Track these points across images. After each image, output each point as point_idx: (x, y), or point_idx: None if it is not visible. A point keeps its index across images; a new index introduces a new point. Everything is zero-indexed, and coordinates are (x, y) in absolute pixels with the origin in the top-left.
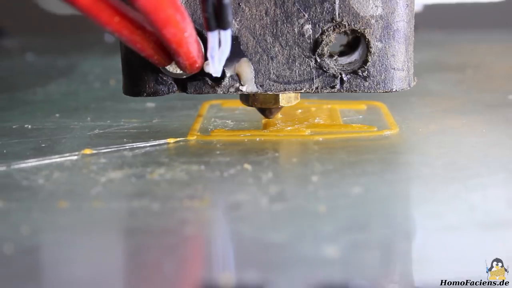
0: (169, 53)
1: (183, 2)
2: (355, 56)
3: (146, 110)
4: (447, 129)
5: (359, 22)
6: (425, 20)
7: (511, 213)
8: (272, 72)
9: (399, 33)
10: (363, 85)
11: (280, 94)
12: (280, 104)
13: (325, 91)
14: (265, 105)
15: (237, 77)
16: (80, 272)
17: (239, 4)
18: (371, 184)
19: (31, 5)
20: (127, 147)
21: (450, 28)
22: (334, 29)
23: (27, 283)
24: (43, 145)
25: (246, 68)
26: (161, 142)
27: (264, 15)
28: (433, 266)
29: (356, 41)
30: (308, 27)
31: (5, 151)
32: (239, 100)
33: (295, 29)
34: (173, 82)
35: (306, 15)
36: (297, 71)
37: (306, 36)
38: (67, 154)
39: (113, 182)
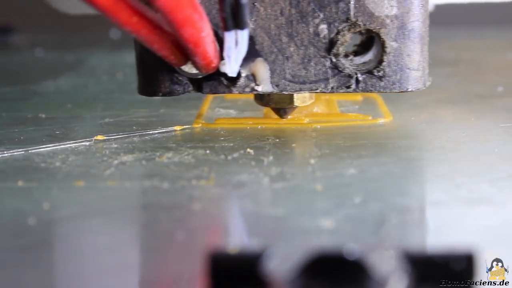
0: (185, 53)
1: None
2: (369, 56)
3: (153, 100)
4: (438, 118)
5: (374, 22)
6: None
7: (493, 191)
8: (287, 72)
9: (414, 33)
10: (379, 85)
11: (295, 94)
12: (295, 104)
13: (340, 91)
14: (280, 105)
15: (253, 77)
16: (96, 242)
17: (254, 4)
18: (364, 166)
19: (38, 3)
20: (136, 133)
21: (445, 24)
22: (349, 29)
23: (49, 251)
24: (57, 132)
25: (261, 68)
26: (168, 130)
27: (279, 15)
28: (421, 234)
29: (369, 40)
30: (323, 27)
31: (22, 137)
32: None
33: (310, 29)
34: (188, 82)
35: (321, 15)
36: (312, 71)
37: (322, 36)
38: (81, 140)
39: (125, 165)
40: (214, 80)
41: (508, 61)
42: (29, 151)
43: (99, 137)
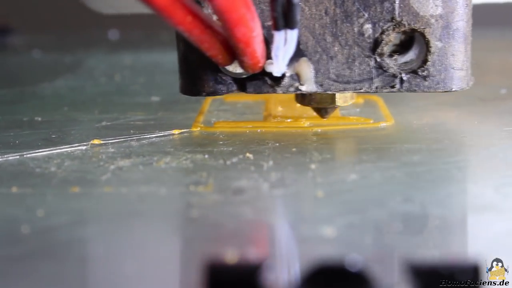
0: (232, 53)
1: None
2: (410, 56)
3: (151, 103)
4: (440, 121)
5: (418, 21)
6: None
7: (498, 197)
8: (331, 72)
9: (458, 33)
10: (423, 84)
11: (337, 94)
12: (337, 104)
13: (384, 90)
14: (322, 105)
15: (297, 77)
16: (91, 250)
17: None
18: (366, 171)
19: (36, 3)
20: (134, 137)
21: None
22: (394, 29)
23: (43, 260)
24: (53, 136)
25: (305, 68)
26: (166, 133)
27: (323, 14)
28: (425, 243)
29: (408, 40)
30: (368, 26)
31: (17, 141)
32: (241, 94)
33: (355, 29)
34: (232, 81)
35: (366, 15)
36: (356, 70)
37: (366, 35)
38: (77, 144)
39: (122, 170)
40: (258, 80)
41: (511, 63)
42: (24, 156)
43: (96, 141)
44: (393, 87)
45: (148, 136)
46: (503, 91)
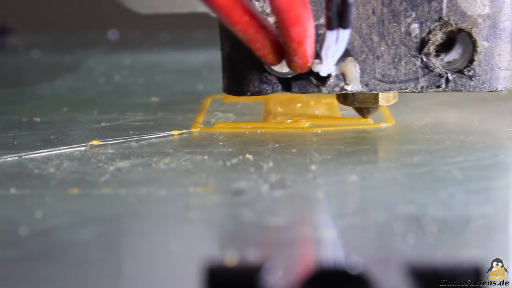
0: (281, 52)
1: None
2: (453, 55)
3: (151, 104)
4: (441, 122)
5: (466, 21)
6: None
7: (500, 201)
8: (377, 72)
9: (505, 32)
10: (468, 84)
11: (380, 94)
12: (380, 104)
13: (430, 90)
14: (364, 105)
15: (342, 76)
16: (90, 252)
17: None
18: (367, 172)
19: (35, 3)
20: (133, 138)
21: None
22: (441, 28)
23: (41, 262)
24: (52, 137)
25: (351, 67)
26: (165, 134)
27: (371, 14)
28: (427, 245)
29: (450, 40)
30: (415, 26)
31: (16, 142)
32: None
33: (402, 28)
34: (277, 81)
35: (414, 14)
36: (402, 70)
37: (413, 35)
38: (76, 145)
39: (121, 171)
40: (303, 80)
41: None
42: (23, 157)
43: (95, 142)
44: (438, 86)
45: (148, 137)
46: (504, 91)
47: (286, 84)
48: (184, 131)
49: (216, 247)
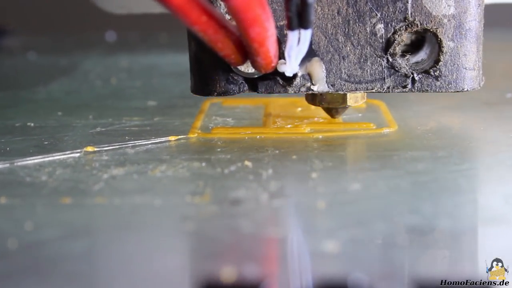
0: (245, 53)
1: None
2: (421, 56)
3: (148, 108)
4: (445, 127)
5: (431, 21)
6: None
7: (507, 208)
8: (343, 72)
9: (471, 33)
10: (435, 84)
11: (348, 94)
12: (348, 104)
13: (396, 90)
14: (332, 105)
15: (308, 77)
16: (82, 266)
17: None
18: (369, 180)
19: (32, 4)
20: (129, 144)
21: None
22: (406, 29)
23: (30, 276)
24: (46, 142)
25: (317, 68)
26: (162, 140)
27: (336, 14)
28: (433, 259)
29: (419, 40)
30: (380, 26)
31: (8, 148)
32: (239, 99)
33: (367, 29)
34: (243, 81)
35: (379, 15)
36: (368, 70)
37: (378, 35)
38: (70, 152)
39: (115, 179)
40: (270, 80)
41: None
42: (15, 164)
43: (89, 149)
44: (405, 87)
45: (144, 142)
46: (508, 95)
47: (253, 84)
48: (182, 136)
49: (213, 262)
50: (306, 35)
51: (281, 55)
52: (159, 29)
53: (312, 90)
